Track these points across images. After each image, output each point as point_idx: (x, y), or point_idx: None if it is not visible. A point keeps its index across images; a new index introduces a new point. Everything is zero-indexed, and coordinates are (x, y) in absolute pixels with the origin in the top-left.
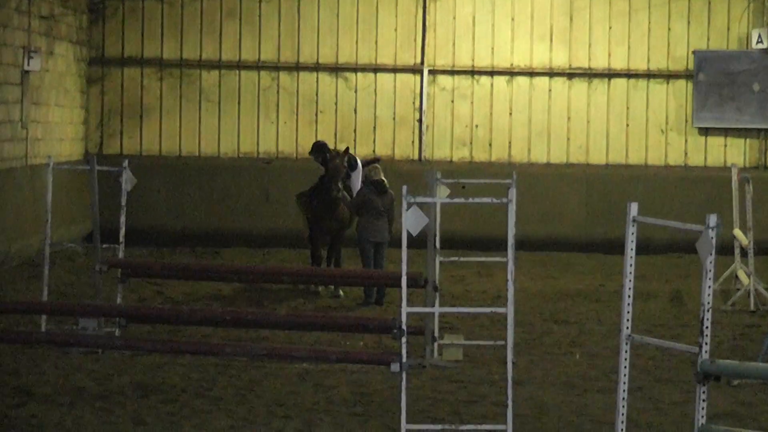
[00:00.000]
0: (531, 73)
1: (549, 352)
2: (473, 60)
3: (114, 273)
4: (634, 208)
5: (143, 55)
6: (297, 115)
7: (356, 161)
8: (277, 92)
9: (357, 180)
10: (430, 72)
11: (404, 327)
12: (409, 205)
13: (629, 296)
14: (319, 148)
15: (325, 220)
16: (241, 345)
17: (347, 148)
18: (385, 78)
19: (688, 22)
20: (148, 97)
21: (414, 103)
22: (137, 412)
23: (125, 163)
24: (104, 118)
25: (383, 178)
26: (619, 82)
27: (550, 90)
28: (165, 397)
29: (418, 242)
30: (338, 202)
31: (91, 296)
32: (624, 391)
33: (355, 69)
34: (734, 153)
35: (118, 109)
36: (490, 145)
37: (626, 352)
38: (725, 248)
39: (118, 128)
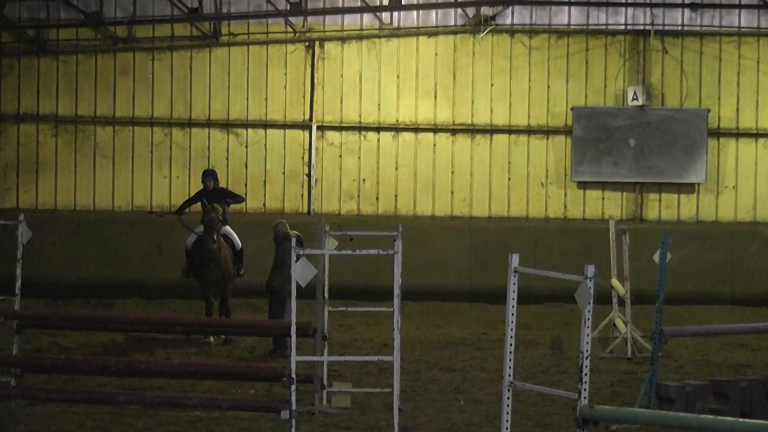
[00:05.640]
0: (416, 129)
1: (434, 398)
2: (360, 116)
3: (10, 324)
4: (515, 259)
5: (39, 111)
6: (189, 169)
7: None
8: (170, 147)
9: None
10: (319, 128)
11: (293, 375)
12: (299, 257)
13: (511, 344)
14: (208, 173)
15: (209, 271)
16: (134, 393)
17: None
18: (274, 133)
19: (567, 80)
20: (43, 152)
21: (303, 157)
22: None
23: (21, 217)
24: (0, 173)
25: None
26: (501, 138)
27: (434, 145)
28: None
29: (308, 293)
30: (218, 254)
31: None
32: None
33: (246, 125)
34: (611, 206)
35: (14, 164)
36: (377, 198)
37: (508, 398)
38: (603, 297)
39: (14, 183)
